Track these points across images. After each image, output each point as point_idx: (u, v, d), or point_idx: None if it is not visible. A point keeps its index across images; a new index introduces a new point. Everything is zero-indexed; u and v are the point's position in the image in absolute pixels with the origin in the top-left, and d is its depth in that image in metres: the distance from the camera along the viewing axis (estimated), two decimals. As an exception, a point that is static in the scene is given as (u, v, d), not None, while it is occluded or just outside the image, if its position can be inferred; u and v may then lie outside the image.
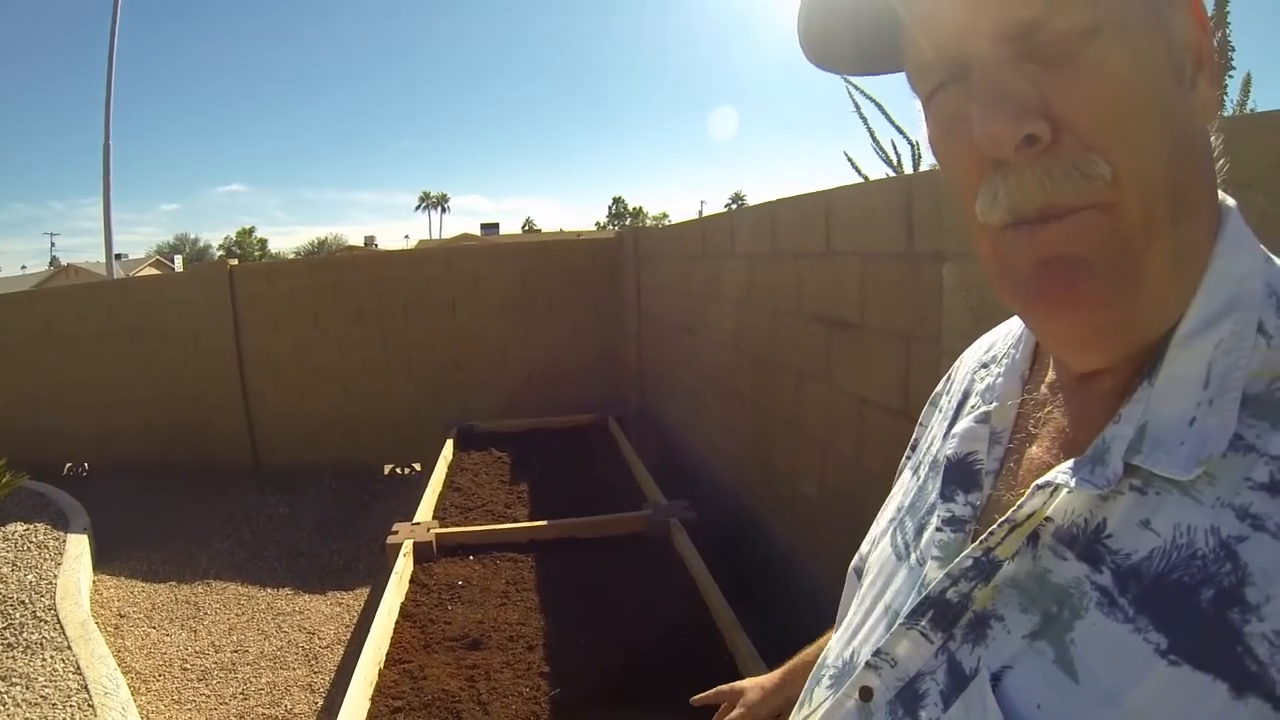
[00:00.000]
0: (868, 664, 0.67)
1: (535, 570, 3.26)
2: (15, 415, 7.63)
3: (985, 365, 0.79)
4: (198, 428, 7.26)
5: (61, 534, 5.39)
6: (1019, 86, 0.51)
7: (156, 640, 4.24)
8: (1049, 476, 0.56)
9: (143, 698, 3.68)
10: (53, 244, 74.05)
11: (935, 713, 0.60)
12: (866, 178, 3.29)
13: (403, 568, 3.20)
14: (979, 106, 0.52)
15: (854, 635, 0.75)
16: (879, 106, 4.07)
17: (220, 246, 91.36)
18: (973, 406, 0.75)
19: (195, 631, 4.32)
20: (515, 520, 3.76)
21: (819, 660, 0.82)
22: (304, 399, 7.16)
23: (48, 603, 4.34)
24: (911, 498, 0.79)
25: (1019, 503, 0.57)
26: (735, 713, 1.28)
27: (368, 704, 2.40)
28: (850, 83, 3.97)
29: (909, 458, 0.91)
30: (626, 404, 6.66)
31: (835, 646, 0.79)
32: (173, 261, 59.22)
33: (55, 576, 4.69)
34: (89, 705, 3.40)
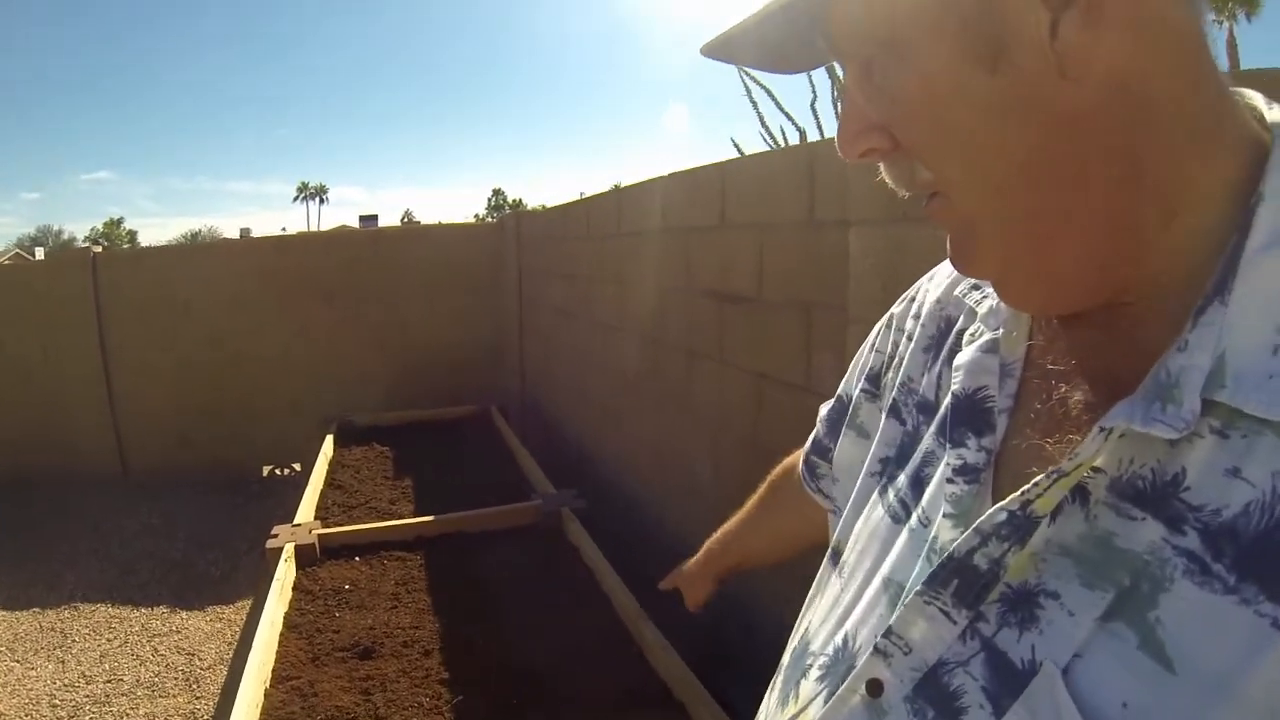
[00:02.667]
0: (876, 649, 0.58)
1: (425, 569, 3.13)
2: None
3: (978, 285, 0.68)
4: (60, 432, 6.74)
5: (-93, 559, 4.96)
6: (859, 107, 0.55)
7: (21, 675, 3.93)
8: (1110, 418, 0.47)
9: (7, 741, 3.41)
10: (-96, 238, 68.49)
11: (983, 718, 0.50)
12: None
13: (284, 574, 3.03)
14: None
15: (845, 616, 0.66)
16: (769, 93, 4.10)
17: (86, 238, 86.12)
18: (972, 333, 0.65)
19: (63, 662, 4.03)
20: (401, 517, 3.62)
21: (798, 647, 0.73)
22: (176, 396, 6.76)
23: (-107, 641, 4.00)
24: (898, 447, 0.70)
25: (1074, 450, 0.48)
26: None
27: (255, 730, 2.25)
28: (744, 71, 3.98)
29: (869, 394, 0.82)
30: (509, 393, 6.57)
31: (819, 630, 0.70)
32: (34, 255, 55.92)
33: (-100, 613, 4.32)
34: (-54, 756, 3.13)
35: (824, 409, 0.97)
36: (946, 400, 0.63)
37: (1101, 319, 0.53)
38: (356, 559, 3.23)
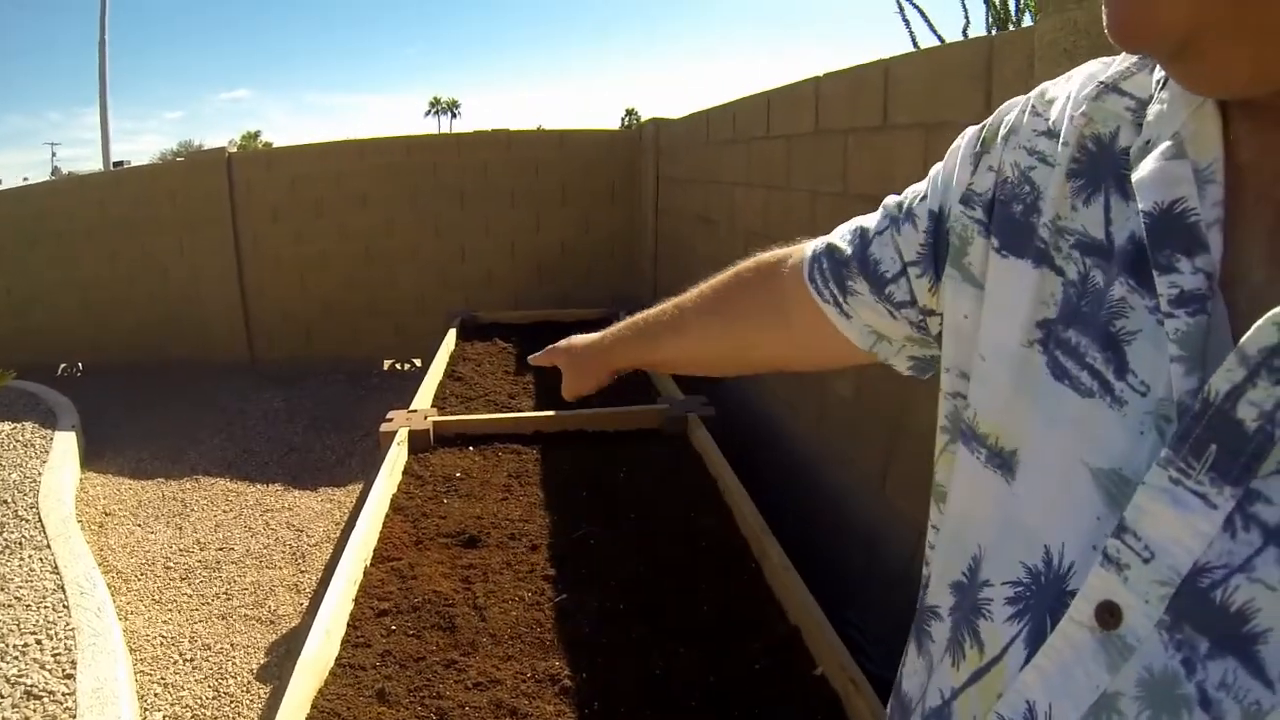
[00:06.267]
0: (1106, 557, 0.43)
1: (540, 464, 2.97)
2: (8, 316, 7.24)
3: (1124, 90, 0.53)
4: (193, 323, 6.96)
5: (49, 432, 5.16)
6: None
7: (140, 538, 4.02)
8: None
9: (122, 597, 3.46)
10: (54, 154, 72.89)
11: None
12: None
13: (396, 457, 2.92)
14: None
15: (1034, 527, 0.51)
16: (921, 13, 3.87)
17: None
18: (1144, 144, 0.49)
19: (181, 529, 4.10)
20: (520, 411, 3.46)
21: (960, 578, 0.58)
22: (304, 291, 6.87)
23: (30, 501, 4.13)
24: (1061, 303, 0.53)
25: None
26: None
27: (351, 605, 2.13)
28: None
29: (981, 226, 0.62)
30: (640, 303, 6.26)
31: (995, 551, 0.55)
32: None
33: (40, 475, 4.48)
34: (64, 605, 3.19)
35: (901, 209, 0.76)
36: (1128, 231, 0.49)
37: None
38: (470, 449, 3.11)
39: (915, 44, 3.93)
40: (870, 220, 0.78)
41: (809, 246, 0.84)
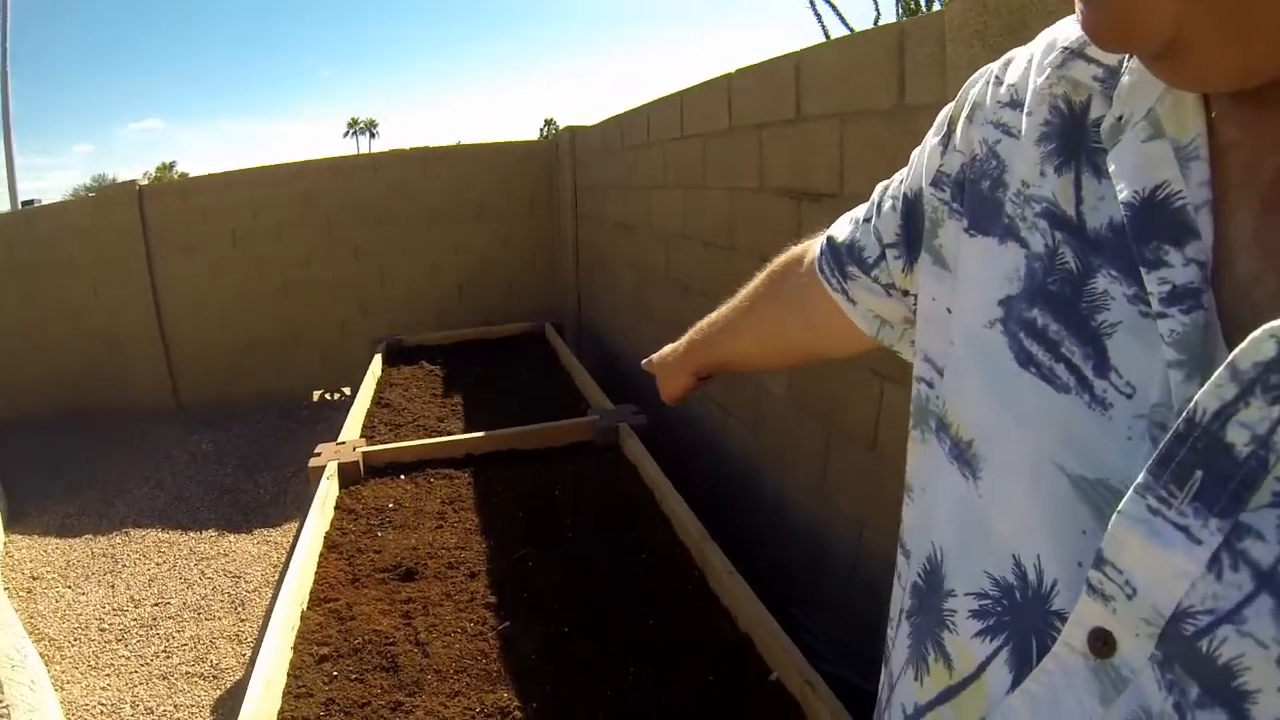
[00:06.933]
0: (1091, 587, 0.39)
1: (474, 488, 2.95)
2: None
3: (1091, 57, 0.49)
4: (113, 367, 6.74)
5: (-34, 495, 4.95)
6: None
7: (72, 601, 3.88)
8: None
9: (57, 666, 3.34)
10: (-42, 196, 70.28)
11: None
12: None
13: (326, 492, 2.87)
14: None
15: (1002, 533, 0.47)
16: (833, 6, 3.90)
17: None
18: (1118, 120, 0.45)
19: (113, 586, 3.97)
20: (450, 435, 3.43)
21: (921, 581, 0.56)
22: (225, 326, 6.71)
23: (-50, 571, 3.96)
24: (1025, 277, 0.49)
25: None
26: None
27: (290, 653, 2.08)
28: None
29: (953, 210, 0.59)
30: (564, 314, 6.39)
31: (960, 556, 0.51)
32: (90, 206, 56.97)
33: (-41, 543, 4.30)
34: (-6, 681, 3.05)
35: (884, 193, 0.75)
36: (1105, 217, 0.45)
37: None
38: (402, 477, 3.06)
39: (827, 37, 3.96)
40: (862, 209, 0.79)
41: (820, 239, 0.85)
